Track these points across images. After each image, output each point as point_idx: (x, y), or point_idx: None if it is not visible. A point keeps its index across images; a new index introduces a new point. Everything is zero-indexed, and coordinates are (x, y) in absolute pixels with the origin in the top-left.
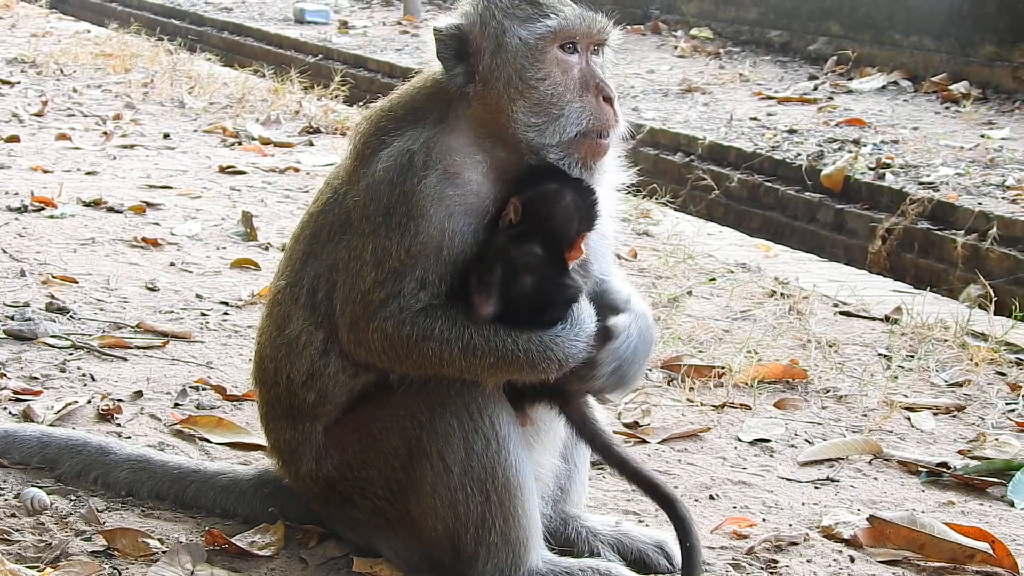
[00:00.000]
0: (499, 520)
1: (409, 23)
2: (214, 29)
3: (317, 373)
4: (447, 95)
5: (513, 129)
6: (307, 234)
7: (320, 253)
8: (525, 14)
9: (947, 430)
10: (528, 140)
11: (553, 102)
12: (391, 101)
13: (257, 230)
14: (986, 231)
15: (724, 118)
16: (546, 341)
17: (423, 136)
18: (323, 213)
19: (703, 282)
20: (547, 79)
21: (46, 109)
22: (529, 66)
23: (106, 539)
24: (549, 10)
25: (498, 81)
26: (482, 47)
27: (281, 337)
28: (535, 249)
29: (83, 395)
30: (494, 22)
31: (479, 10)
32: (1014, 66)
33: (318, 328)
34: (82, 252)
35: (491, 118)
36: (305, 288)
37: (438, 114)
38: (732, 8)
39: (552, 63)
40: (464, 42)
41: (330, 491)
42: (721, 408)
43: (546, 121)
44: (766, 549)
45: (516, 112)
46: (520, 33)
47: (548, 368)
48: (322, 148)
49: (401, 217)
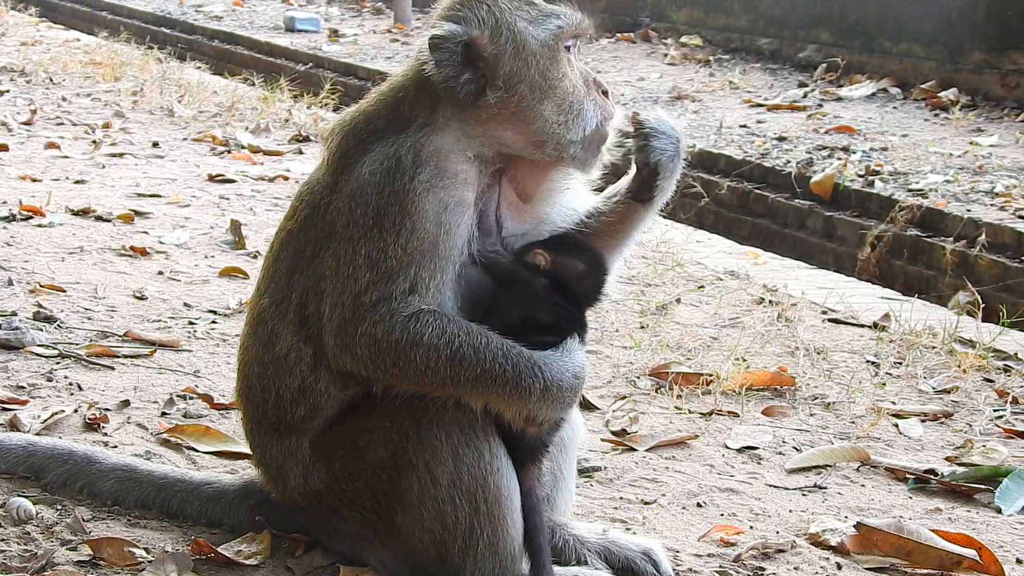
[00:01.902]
0: (487, 530)
1: (400, 31)
2: (204, 37)
3: (308, 388)
4: (432, 99)
5: (537, 128)
6: (289, 252)
7: (307, 268)
8: (531, 16)
9: (935, 437)
10: (554, 137)
11: (573, 99)
12: (371, 107)
13: (246, 239)
14: (975, 238)
15: (714, 126)
16: (536, 360)
17: (410, 140)
18: (304, 230)
19: (692, 290)
20: (565, 77)
21: (35, 118)
22: (550, 66)
23: (92, 548)
24: (550, 10)
25: (521, 84)
26: (498, 52)
27: (269, 355)
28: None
29: (70, 404)
30: (507, 26)
31: (483, 15)
32: (1003, 73)
33: (307, 344)
34: (70, 261)
35: (509, 121)
36: (293, 304)
37: (423, 119)
38: (722, 16)
39: (564, 62)
40: (471, 49)
41: (317, 504)
42: (709, 416)
43: (569, 118)
44: (753, 556)
45: (544, 112)
46: (538, 34)
47: (532, 390)
48: (312, 156)
49: (395, 217)
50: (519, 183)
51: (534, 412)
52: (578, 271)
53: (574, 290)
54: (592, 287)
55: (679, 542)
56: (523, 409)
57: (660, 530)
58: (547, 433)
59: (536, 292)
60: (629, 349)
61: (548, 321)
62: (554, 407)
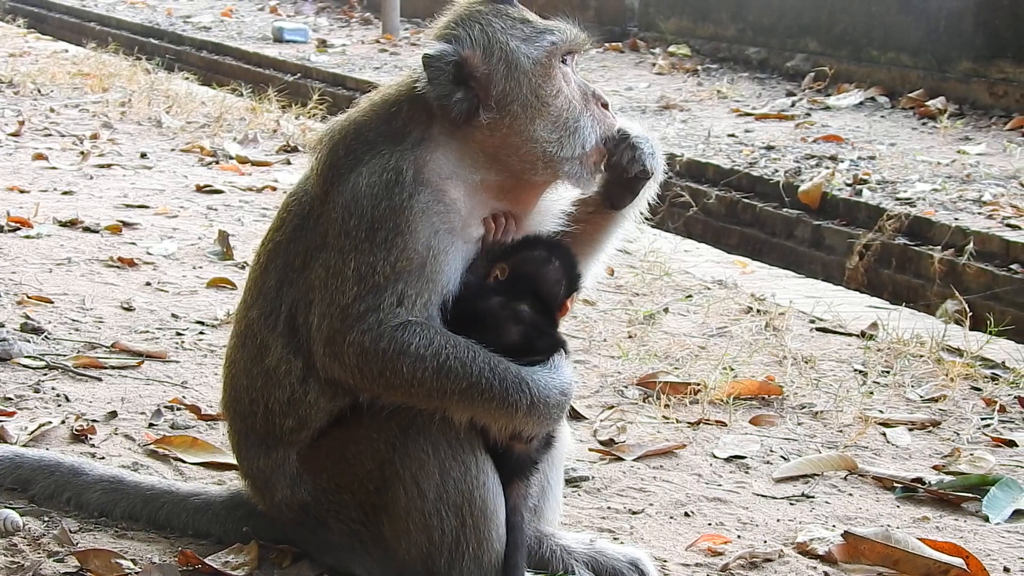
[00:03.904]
0: (472, 544)
1: (388, 41)
2: (192, 48)
3: (297, 400)
4: (427, 115)
5: (531, 148)
6: (278, 264)
7: (296, 280)
8: (524, 34)
9: (922, 445)
10: (548, 156)
11: (568, 116)
12: (362, 118)
13: (234, 249)
14: (963, 247)
15: (702, 135)
16: (523, 375)
17: (409, 154)
18: (293, 241)
19: (680, 299)
20: (559, 94)
21: (23, 129)
22: (543, 84)
23: (79, 560)
24: (544, 27)
25: (514, 103)
26: (490, 72)
27: (258, 368)
28: (523, 306)
29: (57, 415)
30: (499, 46)
31: (475, 35)
32: (991, 82)
33: (296, 356)
34: (58, 272)
35: (502, 141)
36: (283, 316)
37: (419, 133)
38: (710, 25)
39: (559, 78)
40: (462, 68)
41: (305, 516)
42: (697, 425)
43: (564, 135)
44: (741, 566)
45: (537, 131)
46: (530, 52)
47: (518, 405)
48: (300, 167)
49: (388, 233)
50: (514, 203)
51: (520, 428)
52: (539, 258)
53: (542, 284)
54: (558, 274)
55: (667, 552)
56: (509, 424)
57: (648, 540)
58: (536, 451)
59: (498, 315)
60: (617, 359)
61: (518, 341)
62: (540, 423)
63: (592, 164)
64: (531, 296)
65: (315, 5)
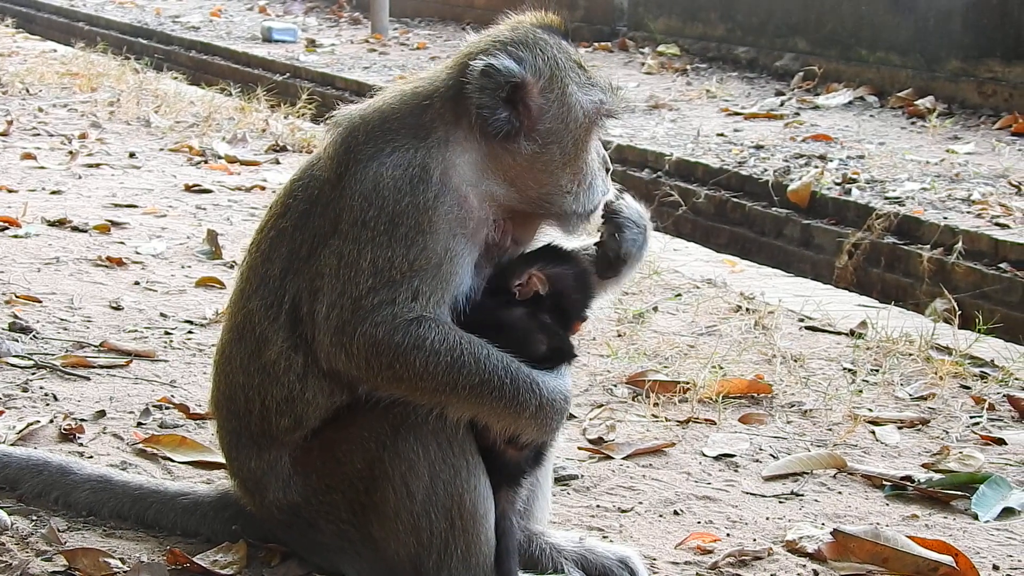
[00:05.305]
0: (461, 546)
1: (377, 41)
2: (181, 48)
3: (295, 398)
4: (455, 114)
5: (550, 190)
6: (283, 252)
7: (302, 268)
8: (580, 81)
9: (911, 444)
10: (560, 203)
11: (587, 173)
12: (389, 107)
13: (222, 248)
14: (952, 245)
15: (691, 134)
16: (535, 376)
17: (437, 153)
18: (299, 228)
19: (669, 298)
20: (590, 152)
21: (11, 129)
22: (583, 137)
23: (67, 559)
24: (595, 80)
25: (554, 144)
26: (544, 107)
27: (256, 364)
28: (547, 317)
29: (45, 415)
30: (560, 86)
31: (539, 65)
32: (979, 81)
33: (297, 351)
34: (46, 271)
35: (527, 171)
36: (286, 306)
37: (444, 132)
38: (699, 25)
39: (595, 136)
40: (518, 90)
41: (295, 517)
42: (686, 423)
43: (580, 191)
44: (730, 564)
45: (561, 178)
46: (583, 102)
47: (527, 405)
48: (288, 166)
49: (408, 229)
50: (517, 225)
51: (522, 430)
52: (571, 274)
53: (568, 299)
54: (584, 292)
55: (656, 550)
56: (513, 425)
57: (637, 538)
58: (527, 460)
59: (527, 326)
60: (606, 357)
61: (545, 352)
62: (543, 427)
63: (587, 220)
64: (555, 309)
65: (304, 5)
